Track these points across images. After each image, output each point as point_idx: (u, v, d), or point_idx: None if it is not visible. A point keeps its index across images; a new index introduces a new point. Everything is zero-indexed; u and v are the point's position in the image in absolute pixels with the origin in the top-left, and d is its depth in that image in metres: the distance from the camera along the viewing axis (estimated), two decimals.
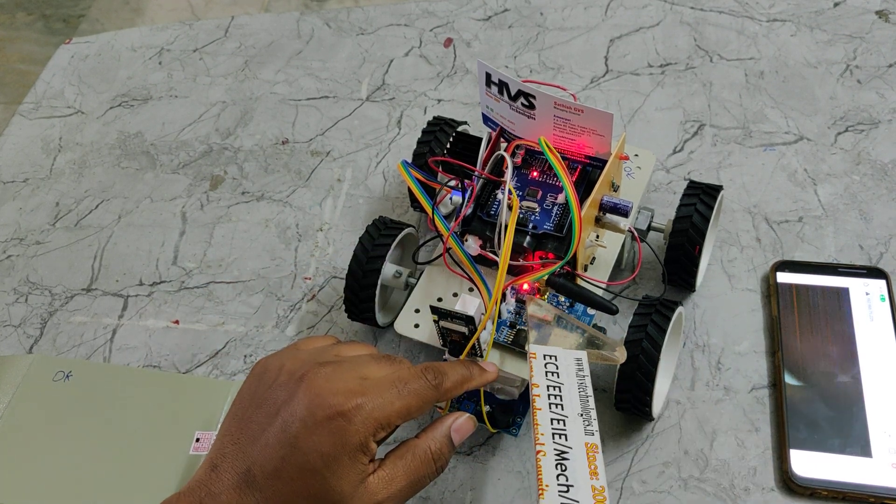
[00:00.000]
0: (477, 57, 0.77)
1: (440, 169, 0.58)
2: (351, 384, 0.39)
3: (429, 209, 0.51)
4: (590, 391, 0.43)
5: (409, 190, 0.59)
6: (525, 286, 0.50)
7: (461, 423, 0.43)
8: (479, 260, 0.51)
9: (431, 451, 0.41)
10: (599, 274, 0.53)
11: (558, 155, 0.51)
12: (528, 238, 0.50)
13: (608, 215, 0.52)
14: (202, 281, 0.63)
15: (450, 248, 0.51)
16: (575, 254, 0.49)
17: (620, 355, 0.45)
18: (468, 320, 0.45)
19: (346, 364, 0.41)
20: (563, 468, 0.39)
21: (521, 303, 0.51)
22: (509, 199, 0.49)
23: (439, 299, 0.52)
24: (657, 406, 0.50)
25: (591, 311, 0.51)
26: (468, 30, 0.80)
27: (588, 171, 0.53)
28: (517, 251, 0.50)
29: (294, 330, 0.59)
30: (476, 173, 0.53)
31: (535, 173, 0.53)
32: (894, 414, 0.50)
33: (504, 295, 0.49)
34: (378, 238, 0.54)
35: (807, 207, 0.62)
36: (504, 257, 0.47)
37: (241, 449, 0.39)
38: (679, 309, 0.49)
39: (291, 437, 0.38)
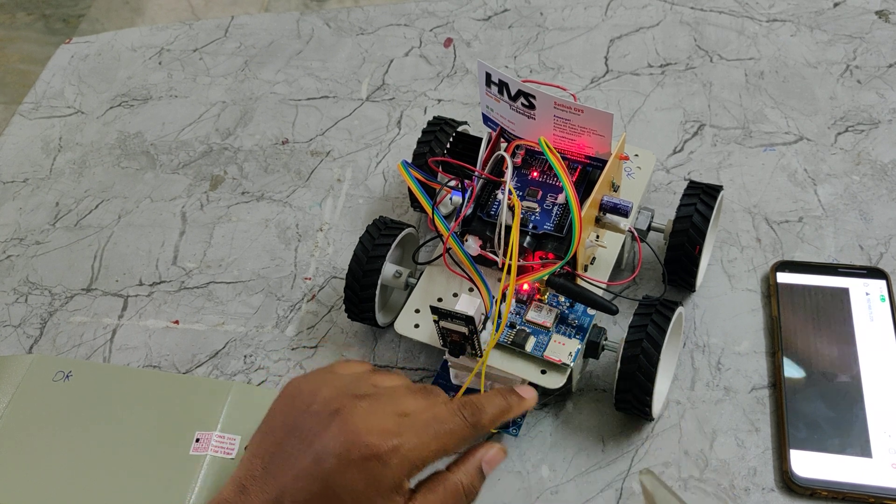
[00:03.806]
0: (477, 57, 0.77)
1: (440, 169, 0.58)
2: (387, 423, 0.39)
3: (429, 209, 0.51)
4: None
5: (409, 190, 0.59)
6: (525, 286, 0.50)
7: (492, 455, 0.42)
8: (479, 260, 0.51)
9: (463, 486, 0.41)
10: (599, 274, 0.53)
11: (558, 155, 0.51)
12: (528, 238, 0.50)
13: (608, 215, 0.52)
14: (202, 281, 0.63)
15: (450, 249, 0.51)
16: (575, 254, 0.48)
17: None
18: (468, 320, 0.45)
19: (382, 398, 0.40)
20: None
21: (521, 303, 0.51)
22: (510, 199, 0.49)
23: (439, 299, 0.52)
24: (657, 406, 0.50)
25: (591, 311, 0.51)
26: (468, 30, 0.80)
27: (588, 172, 0.53)
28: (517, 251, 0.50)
29: (294, 330, 0.59)
30: (476, 173, 0.53)
31: (535, 173, 0.53)
32: (894, 414, 0.50)
33: (504, 295, 0.49)
34: (378, 238, 0.54)
35: (807, 207, 0.62)
36: (512, 258, 0.47)
37: (271, 474, 0.39)
38: (679, 309, 0.49)
39: (325, 472, 0.37)
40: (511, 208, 0.49)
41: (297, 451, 0.39)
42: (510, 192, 0.49)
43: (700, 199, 0.53)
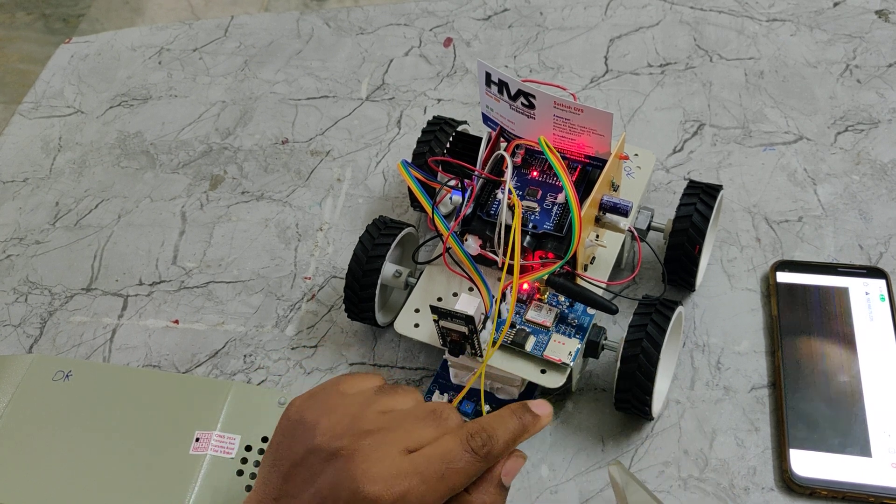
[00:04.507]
0: (477, 56, 0.77)
1: (440, 168, 0.58)
2: (392, 467, 0.37)
3: (429, 209, 0.51)
4: None
5: (409, 189, 0.59)
6: (525, 286, 0.50)
7: (511, 465, 0.40)
8: (478, 260, 0.51)
9: None
10: (599, 274, 0.53)
11: (558, 154, 0.51)
12: (527, 238, 0.50)
13: (608, 215, 0.52)
14: (202, 281, 0.63)
15: (450, 248, 0.51)
16: (575, 253, 0.49)
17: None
18: (468, 320, 0.45)
19: (387, 433, 0.38)
20: None
21: (520, 302, 0.51)
22: (510, 198, 0.49)
23: (439, 299, 0.52)
24: (657, 406, 0.50)
25: (590, 310, 0.51)
26: (468, 29, 0.80)
27: (588, 171, 0.53)
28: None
29: (294, 330, 0.59)
30: (476, 173, 0.53)
31: (534, 173, 0.53)
32: (894, 414, 0.50)
33: (504, 294, 0.49)
34: (378, 238, 0.54)
35: (806, 207, 0.62)
36: (515, 257, 0.47)
37: None
38: (679, 308, 0.49)
39: None
40: (511, 208, 0.49)
41: (302, 486, 0.38)
42: (510, 192, 0.49)
43: (700, 199, 0.53)
